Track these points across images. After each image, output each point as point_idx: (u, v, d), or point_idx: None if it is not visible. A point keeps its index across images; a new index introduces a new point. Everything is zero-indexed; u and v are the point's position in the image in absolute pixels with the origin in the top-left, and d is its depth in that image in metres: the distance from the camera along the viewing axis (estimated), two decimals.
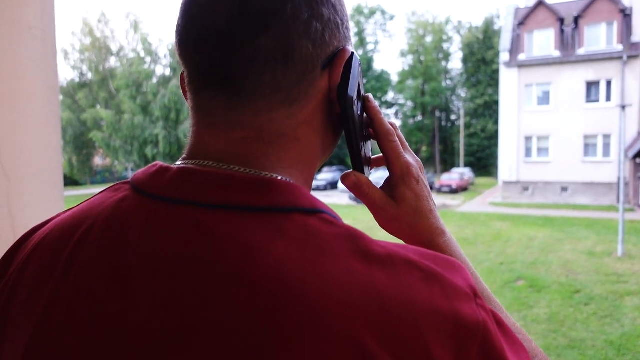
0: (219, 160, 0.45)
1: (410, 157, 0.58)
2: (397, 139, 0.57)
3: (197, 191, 0.42)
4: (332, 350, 0.34)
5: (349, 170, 0.56)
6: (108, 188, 0.50)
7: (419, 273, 0.38)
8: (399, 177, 0.56)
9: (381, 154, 0.60)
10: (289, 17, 0.43)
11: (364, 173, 0.56)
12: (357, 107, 0.51)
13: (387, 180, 0.58)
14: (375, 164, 0.63)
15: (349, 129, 0.50)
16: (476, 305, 0.39)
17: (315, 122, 0.49)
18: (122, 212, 0.44)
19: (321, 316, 0.34)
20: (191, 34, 0.46)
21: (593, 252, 11.04)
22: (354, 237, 0.40)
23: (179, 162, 0.47)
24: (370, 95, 0.57)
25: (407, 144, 0.60)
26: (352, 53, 0.50)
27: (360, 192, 0.55)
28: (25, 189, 1.16)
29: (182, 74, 0.51)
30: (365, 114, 0.57)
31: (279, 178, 0.44)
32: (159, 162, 0.47)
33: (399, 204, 0.56)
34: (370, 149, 0.62)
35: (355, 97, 0.49)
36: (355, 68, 0.50)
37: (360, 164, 0.55)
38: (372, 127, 0.57)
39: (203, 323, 0.36)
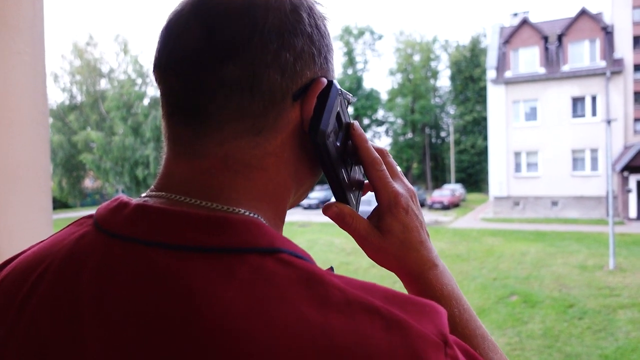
0: (183, 193, 0.44)
1: (400, 186, 0.55)
2: (383, 167, 0.55)
3: (151, 230, 0.41)
4: None
5: (331, 201, 0.54)
6: (74, 222, 0.50)
7: (380, 321, 0.35)
8: (386, 207, 0.54)
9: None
10: (257, 47, 0.43)
11: (347, 202, 0.54)
12: (334, 139, 0.50)
13: (375, 210, 0.56)
14: (367, 189, 0.61)
15: (323, 162, 0.49)
16: (444, 355, 0.36)
17: (285, 153, 0.47)
18: (80, 250, 0.43)
19: None
20: (163, 61, 0.46)
21: (585, 266, 11.09)
22: (310, 281, 0.37)
23: (144, 194, 0.47)
24: (356, 123, 0.55)
25: (397, 170, 0.57)
26: (331, 82, 0.49)
27: (343, 222, 0.54)
28: (13, 213, 1.16)
29: None
30: (350, 142, 0.55)
31: (241, 212, 0.43)
32: (121, 196, 0.47)
33: (384, 235, 0.53)
34: (361, 172, 0.59)
35: (330, 129, 0.48)
36: (333, 98, 0.48)
37: (343, 193, 0.53)
38: (358, 156, 0.55)
39: None
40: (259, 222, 0.42)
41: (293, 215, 25.40)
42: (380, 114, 51.26)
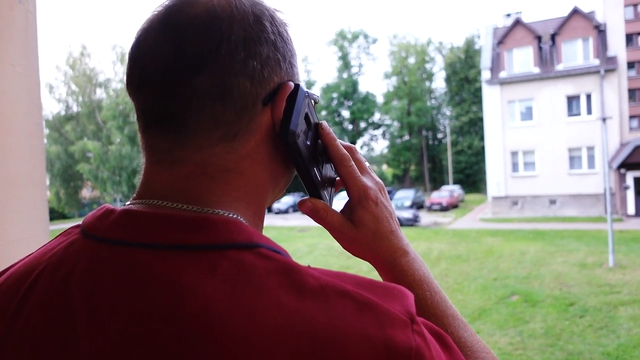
0: (164, 198, 0.47)
1: (369, 180, 0.59)
2: (352, 163, 0.58)
3: (136, 232, 0.43)
4: None
5: (305, 197, 0.57)
6: (62, 233, 0.52)
7: (352, 303, 0.39)
8: (357, 201, 0.57)
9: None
10: (225, 58, 0.45)
11: (321, 198, 0.57)
12: (304, 138, 0.53)
13: (347, 204, 0.59)
14: (339, 186, 0.64)
15: (295, 161, 0.52)
16: (412, 331, 0.39)
17: (259, 155, 0.50)
18: (69, 257, 0.45)
19: (246, 352, 0.35)
20: (135, 77, 0.48)
21: (584, 264, 11.10)
22: (288, 271, 0.40)
23: (127, 202, 0.49)
24: (324, 123, 0.58)
25: (366, 165, 0.61)
26: (297, 86, 0.52)
27: (318, 217, 0.57)
28: (10, 225, 1.15)
29: None
30: (320, 141, 0.58)
31: (220, 213, 0.45)
32: (107, 205, 0.49)
33: (357, 227, 0.57)
34: (333, 169, 0.62)
35: (299, 129, 0.51)
36: (300, 100, 0.51)
37: (316, 190, 0.56)
38: (327, 153, 0.58)
39: None
40: (238, 221, 0.45)
41: (292, 220, 25.36)
42: (377, 117, 51.36)
